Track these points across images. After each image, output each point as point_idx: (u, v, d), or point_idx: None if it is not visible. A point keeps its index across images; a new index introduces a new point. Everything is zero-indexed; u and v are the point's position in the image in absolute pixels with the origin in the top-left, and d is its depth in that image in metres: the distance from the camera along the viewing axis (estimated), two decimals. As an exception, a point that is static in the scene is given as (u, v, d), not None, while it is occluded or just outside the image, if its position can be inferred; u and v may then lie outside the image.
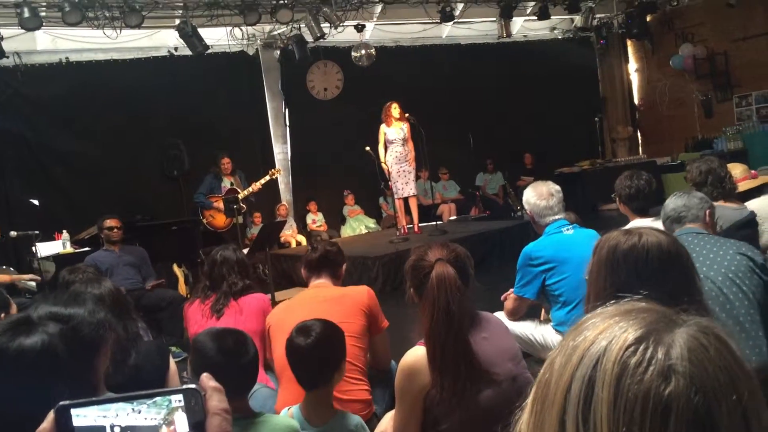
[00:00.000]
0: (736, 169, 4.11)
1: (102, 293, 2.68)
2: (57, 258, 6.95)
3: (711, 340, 0.72)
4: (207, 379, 1.02)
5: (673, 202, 3.02)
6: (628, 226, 3.78)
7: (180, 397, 0.94)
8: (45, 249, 7.12)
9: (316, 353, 2.43)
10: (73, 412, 0.94)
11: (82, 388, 1.83)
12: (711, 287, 2.60)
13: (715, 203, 3.70)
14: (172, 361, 2.63)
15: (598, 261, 1.93)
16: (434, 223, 9.68)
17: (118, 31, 8.43)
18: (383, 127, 8.98)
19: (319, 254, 3.32)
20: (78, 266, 3.80)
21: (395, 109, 8.95)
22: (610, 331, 0.75)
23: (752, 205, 3.82)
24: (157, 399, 0.94)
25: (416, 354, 2.24)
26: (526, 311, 3.84)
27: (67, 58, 9.35)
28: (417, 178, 9.64)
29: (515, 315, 3.78)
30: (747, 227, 3.71)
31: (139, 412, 0.94)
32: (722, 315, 2.56)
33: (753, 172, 4.14)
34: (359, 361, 3.02)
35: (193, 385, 0.96)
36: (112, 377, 2.59)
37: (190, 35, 8.84)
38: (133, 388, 2.68)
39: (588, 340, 0.75)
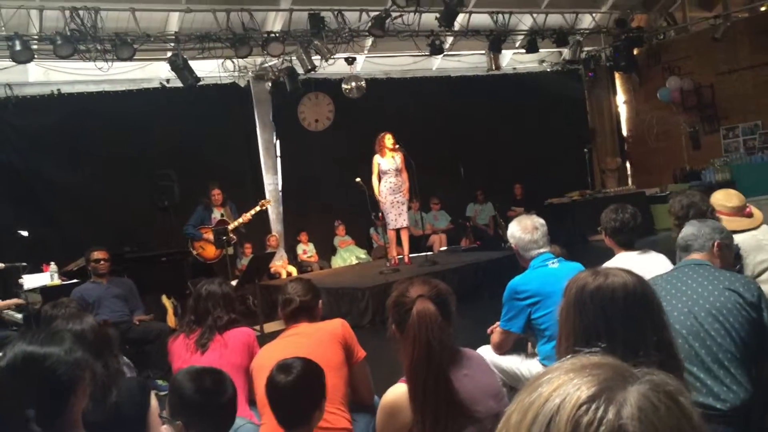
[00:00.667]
0: (732, 198, 4.09)
1: (83, 329, 2.66)
2: (44, 290, 6.90)
3: (662, 398, 0.73)
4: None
5: (684, 231, 3.01)
6: (613, 259, 3.83)
7: None
8: (32, 281, 7.08)
9: (297, 391, 2.41)
10: None
11: (56, 427, 1.82)
12: (693, 323, 2.61)
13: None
14: (153, 399, 2.60)
15: (567, 302, 1.95)
16: (425, 254, 9.69)
17: (110, 63, 8.49)
18: (377, 158, 9.02)
19: (294, 308, 3.28)
20: (61, 301, 3.77)
21: (389, 140, 9.00)
22: (564, 389, 0.75)
23: (736, 238, 3.84)
24: None
25: (397, 391, 2.23)
26: (513, 345, 3.84)
27: (59, 89, 9.41)
28: (408, 208, 9.67)
29: (501, 349, 3.77)
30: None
31: None
32: (702, 351, 2.56)
33: (748, 209, 4.11)
34: (339, 391, 3.01)
35: None
36: (91, 415, 2.56)
37: (181, 67, 8.91)
38: (112, 426, 2.65)
39: (543, 396, 0.76)
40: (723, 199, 3.94)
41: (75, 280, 7.10)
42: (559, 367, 0.80)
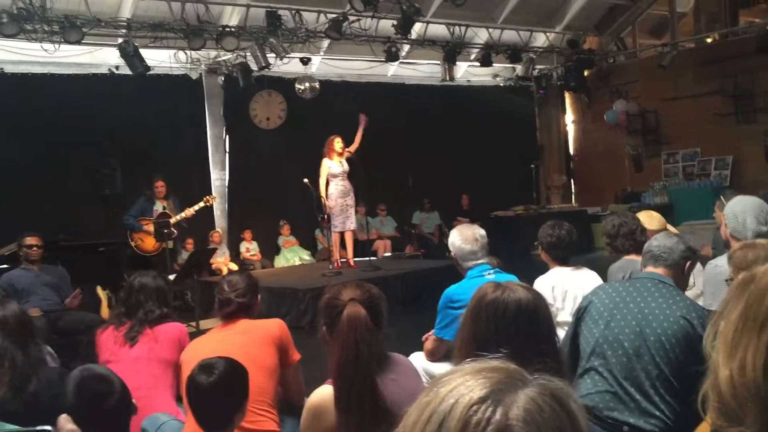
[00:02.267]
0: (653, 221, 4.24)
1: (5, 315, 2.58)
2: (-29, 274, 6.65)
3: (548, 401, 0.78)
4: (65, 421, 1.00)
5: (659, 240, 2.97)
6: (546, 274, 3.92)
7: None
8: (-40, 264, 6.82)
9: (218, 393, 2.36)
10: None
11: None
12: (641, 344, 2.64)
13: (627, 257, 3.85)
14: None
15: (468, 309, 2.07)
16: (368, 258, 9.71)
17: (57, 45, 8.26)
18: (326, 161, 8.99)
19: (233, 309, 3.18)
20: (-15, 286, 3.66)
21: (338, 144, 9.00)
22: (458, 390, 0.79)
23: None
24: None
25: (322, 393, 2.23)
26: (446, 353, 3.87)
27: (2, 69, 9.10)
28: (355, 212, 9.67)
29: (434, 356, 3.81)
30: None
31: None
32: (642, 374, 2.60)
33: (668, 228, 4.28)
34: (268, 392, 2.97)
35: (47, 427, 0.94)
36: (9, 404, 2.48)
37: (131, 55, 8.73)
38: (30, 416, 2.59)
39: (439, 397, 0.80)
40: (645, 221, 4.07)
41: (5, 266, 6.86)
42: (458, 369, 0.84)
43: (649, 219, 4.23)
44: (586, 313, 2.87)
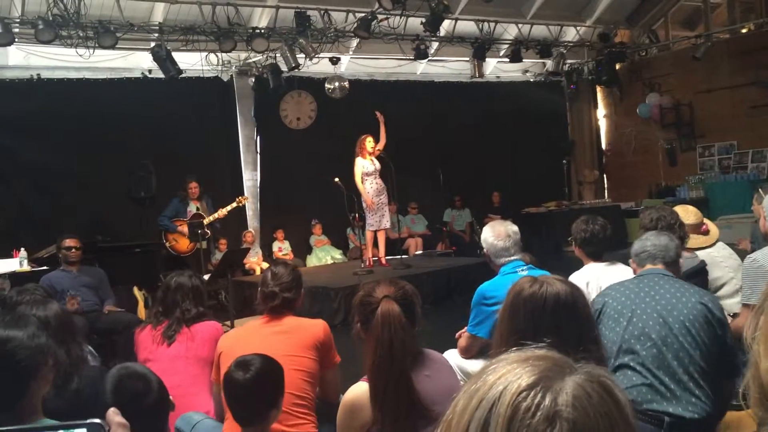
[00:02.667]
0: (689, 215, 4.17)
1: (47, 315, 2.64)
2: (13, 276, 6.80)
3: (595, 388, 0.79)
4: (113, 414, 1.02)
5: (652, 240, 3.08)
6: (581, 270, 3.89)
7: (84, 430, 0.95)
8: (1, 266, 6.98)
9: (254, 389, 2.39)
10: None
11: (14, 411, 1.81)
12: (667, 332, 2.66)
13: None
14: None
15: (505, 305, 2.05)
16: (399, 256, 9.71)
17: (92, 50, 8.41)
18: (359, 161, 9.00)
19: (277, 304, 3.15)
20: (27, 287, 3.74)
21: (369, 142, 9.02)
22: (506, 377, 0.80)
23: (701, 254, 3.92)
24: (62, 431, 0.95)
25: (358, 390, 2.25)
26: (479, 350, 3.86)
27: (38, 74, 9.30)
28: (387, 211, 9.72)
29: (468, 353, 3.80)
30: (697, 276, 3.78)
31: None
32: (674, 362, 2.62)
33: (704, 226, 4.20)
34: (308, 396, 2.98)
35: (97, 420, 0.97)
36: (52, 401, 2.55)
37: (164, 58, 8.85)
38: (72, 414, 2.65)
39: (488, 384, 0.81)
40: (681, 215, 4.01)
41: (45, 267, 7.02)
42: (504, 358, 0.85)
43: (685, 213, 4.17)
44: (603, 314, 2.87)
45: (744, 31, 12.79)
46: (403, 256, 9.98)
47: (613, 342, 2.77)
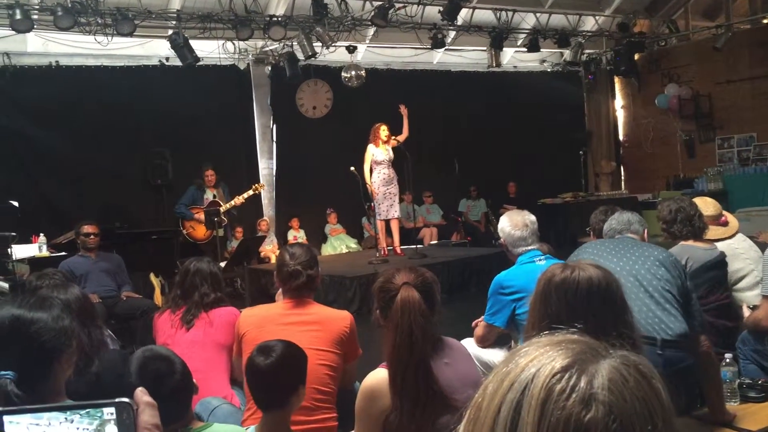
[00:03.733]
0: (708, 206, 4.14)
1: (68, 299, 2.67)
2: (32, 261, 6.89)
3: (632, 372, 0.77)
4: (141, 394, 1.02)
5: (616, 218, 3.46)
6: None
7: (112, 410, 0.95)
8: (21, 251, 7.06)
9: (275, 374, 2.40)
10: (6, 419, 0.95)
11: (38, 393, 1.83)
12: (646, 269, 2.97)
13: (684, 242, 3.77)
14: (134, 371, 2.61)
15: (536, 292, 2.03)
16: (414, 246, 9.71)
17: (110, 38, 8.44)
18: (371, 148, 9.02)
19: (302, 281, 3.12)
20: (46, 272, 3.77)
21: (384, 131, 9.00)
22: (539, 360, 0.79)
23: (721, 245, 3.89)
24: (90, 410, 0.95)
25: (378, 376, 2.25)
26: (496, 339, 3.86)
27: (57, 61, 9.35)
28: (401, 200, 9.68)
29: (484, 342, 3.80)
30: (716, 268, 3.76)
31: (72, 422, 0.95)
32: (650, 289, 2.92)
33: (723, 217, 4.16)
34: (330, 389, 2.97)
35: (125, 399, 0.97)
36: (73, 384, 2.57)
37: (181, 46, 8.87)
38: (93, 396, 2.67)
39: (519, 366, 0.79)
40: (700, 206, 3.97)
41: (63, 253, 7.08)
42: (536, 341, 0.83)
43: (704, 204, 4.13)
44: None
45: (765, 21, 12.60)
46: (418, 246, 9.97)
47: None
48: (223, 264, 7.81)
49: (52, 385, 1.88)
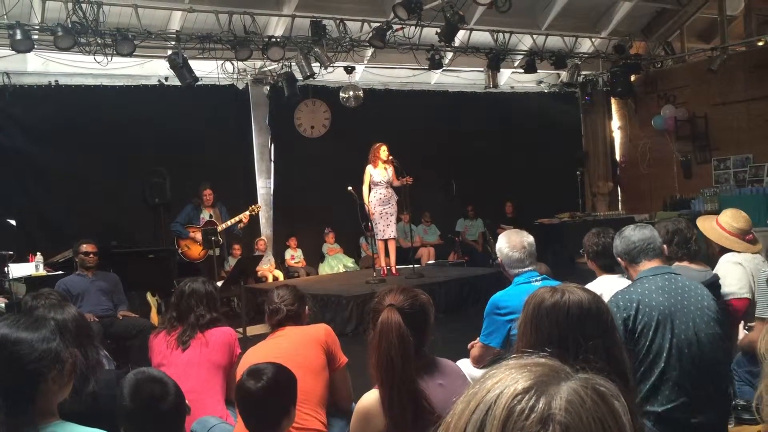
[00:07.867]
0: (740, 220, 4.01)
1: (65, 318, 2.67)
2: (29, 280, 6.88)
3: (589, 394, 0.82)
4: None
5: (637, 234, 3.10)
6: (594, 282, 3.87)
7: None
8: (18, 270, 7.06)
9: (267, 398, 2.41)
10: None
11: (27, 415, 1.82)
12: (694, 343, 2.73)
13: (680, 264, 3.78)
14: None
15: (525, 317, 2.01)
16: (412, 266, 9.71)
17: (110, 58, 8.50)
18: (369, 168, 9.06)
19: (281, 318, 3.31)
20: (42, 291, 3.78)
21: (383, 152, 9.05)
22: (503, 382, 0.84)
23: (740, 257, 3.87)
24: None
25: (371, 397, 2.25)
26: (492, 359, 3.86)
27: (56, 81, 9.41)
28: (398, 220, 9.70)
29: (480, 363, 3.79)
30: (710, 289, 3.76)
31: None
32: (704, 377, 2.65)
33: (750, 235, 4.06)
34: (314, 393, 3.01)
35: None
36: (69, 404, 2.57)
37: (180, 66, 8.93)
38: (89, 416, 2.66)
39: (485, 388, 0.85)
40: (731, 218, 3.94)
41: (60, 272, 7.09)
42: (504, 364, 0.89)
43: (736, 217, 4.04)
44: (638, 322, 2.84)
45: (760, 44, 12.72)
46: (416, 266, 9.98)
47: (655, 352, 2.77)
48: (219, 283, 7.80)
49: (41, 406, 1.86)
